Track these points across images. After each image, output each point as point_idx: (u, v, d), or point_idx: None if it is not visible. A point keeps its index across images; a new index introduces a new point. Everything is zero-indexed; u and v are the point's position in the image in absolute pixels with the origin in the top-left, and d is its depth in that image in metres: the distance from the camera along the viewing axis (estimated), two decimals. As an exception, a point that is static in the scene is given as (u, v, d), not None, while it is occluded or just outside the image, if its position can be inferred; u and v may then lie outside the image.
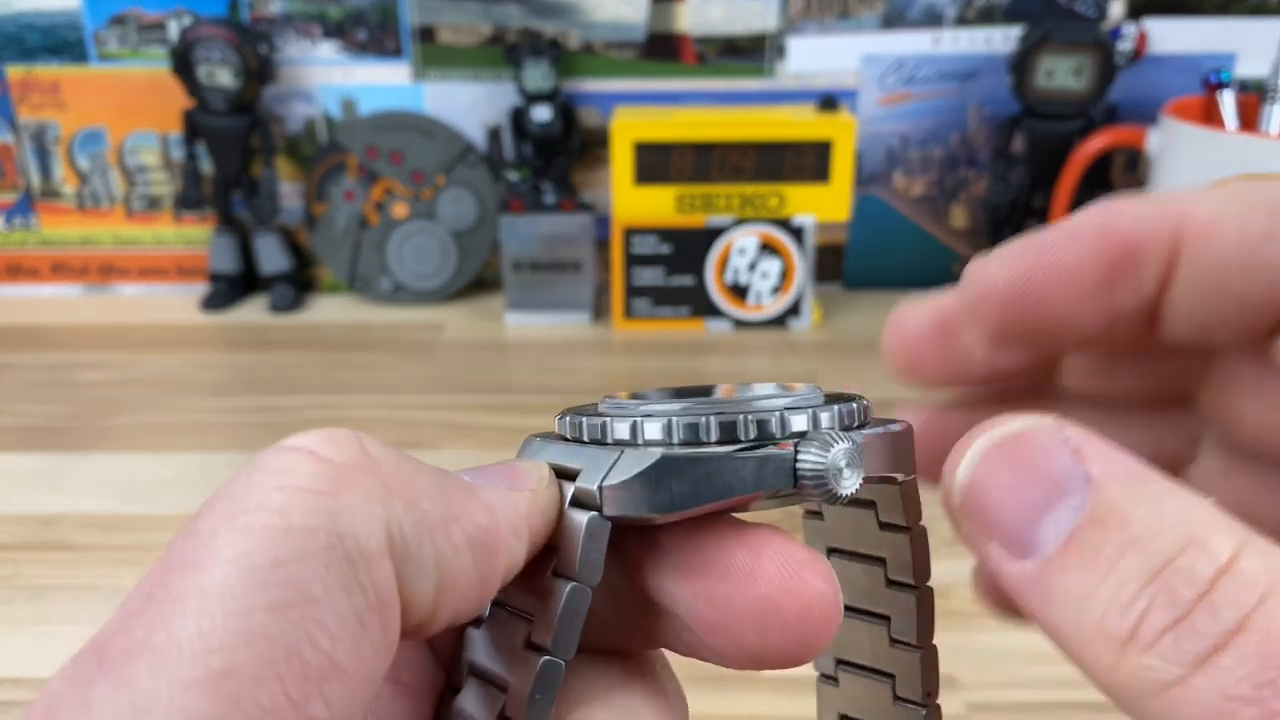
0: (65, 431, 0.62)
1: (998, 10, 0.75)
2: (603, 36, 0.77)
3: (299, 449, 0.14)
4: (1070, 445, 0.15)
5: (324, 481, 0.13)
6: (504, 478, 0.16)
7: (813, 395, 0.18)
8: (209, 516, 0.13)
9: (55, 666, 0.38)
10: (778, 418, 0.16)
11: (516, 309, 0.77)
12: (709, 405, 0.16)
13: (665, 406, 0.17)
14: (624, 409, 0.17)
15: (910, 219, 0.81)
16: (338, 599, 0.13)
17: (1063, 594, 0.14)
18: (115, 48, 0.77)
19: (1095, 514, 0.14)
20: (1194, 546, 0.13)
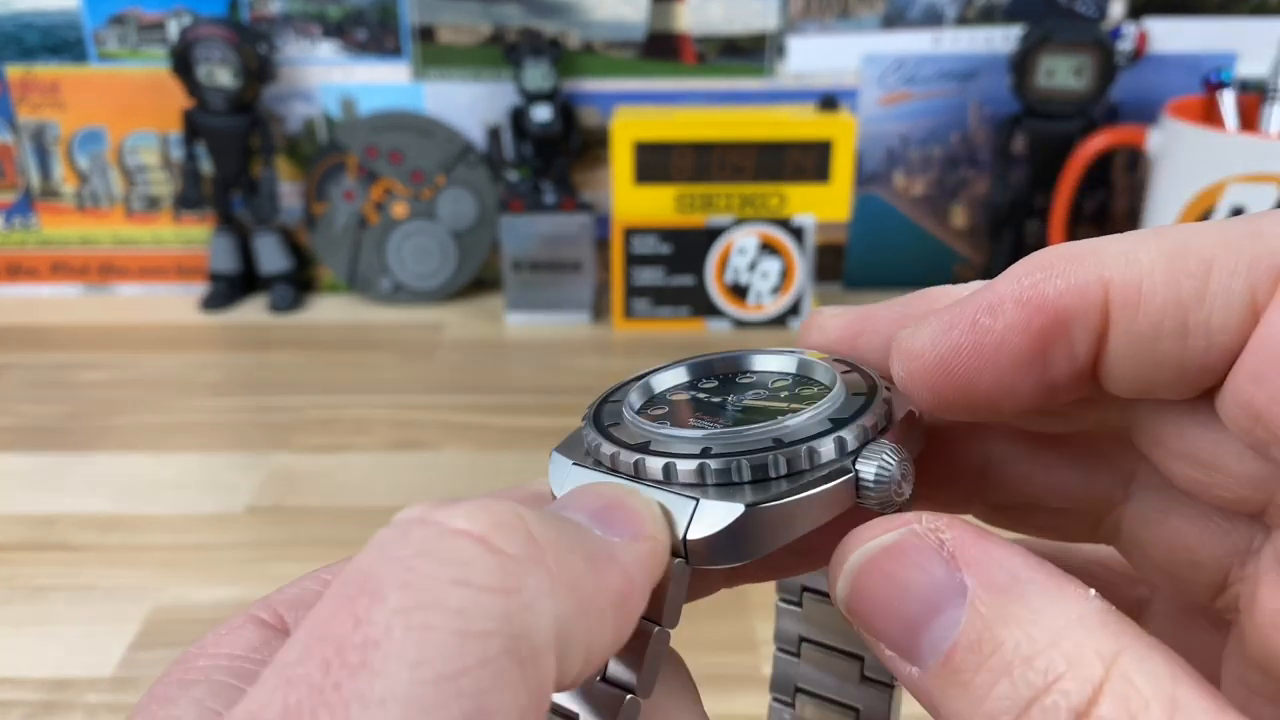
0: (65, 431, 0.62)
1: (998, 10, 0.75)
2: (603, 36, 0.77)
3: (469, 534, 0.13)
4: (945, 553, 0.15)
5: (501, 578, 0.13)
6: (626, 525, 0.15)
7: (827, 400, 0.18)
8: (379, 606, 0.12)
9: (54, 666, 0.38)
10: (805, 451, 0.16)
11: (516, 309, 0.77)
12: (731, 437, 0.17)
13: (689, 435, 0.17)
14: (649, 435, 0.17)
15: (910, 219, 0.81)
16: (508, 701, 0.12)
17: (945, 711, 0.14)
18: (115, 47, 0.77)
19: (968, 635, 0.14)
20: (1060, 683, 0.13)
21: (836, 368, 0.19)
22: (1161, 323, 0.15)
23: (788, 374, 0.20)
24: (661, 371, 0.20)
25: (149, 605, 0.47)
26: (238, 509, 0.54)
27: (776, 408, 0.18)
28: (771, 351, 0.20)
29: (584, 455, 0.18)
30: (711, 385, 0.20)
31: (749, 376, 0.20)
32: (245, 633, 0.17)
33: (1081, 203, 0.78)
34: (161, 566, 0.50)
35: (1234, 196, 0.62)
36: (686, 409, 0.19)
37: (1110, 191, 0.80)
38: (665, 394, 0.20)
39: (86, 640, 0.45)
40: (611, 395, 0.19)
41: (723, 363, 0.20)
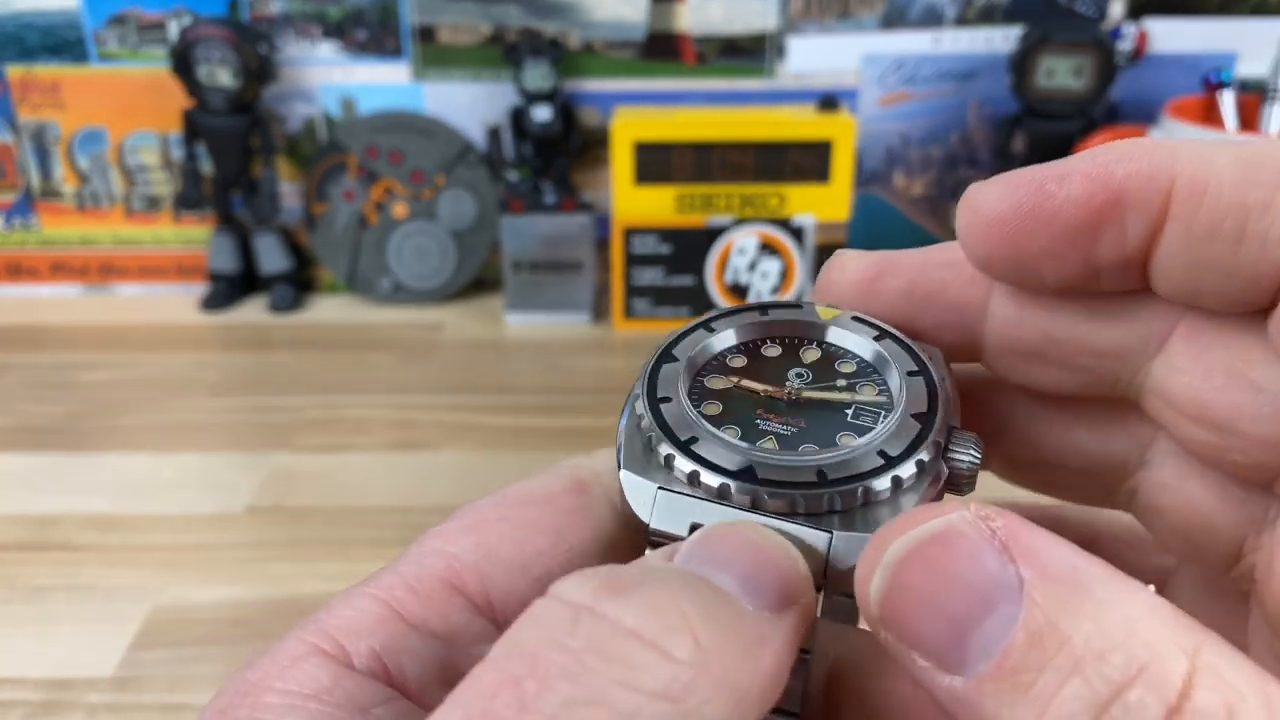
0: (65, 431, 0.62)
1: (998, 10, 0.75)
2: (603, 36, 0.77)
3: (639, 637, 0.13)
4: (998, 542, 0.13)
5: (667, 685, 0.13)
6: (777, 590, 0.15)
7: (901, 395, 0.18)
8: (548, 695, 0.12)
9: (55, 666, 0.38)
10: (861, 490, 0.17)
11: (516, 309, 0.77)
12: (835, 458, 0.17)
13: (793, 461, 0.17)
14: (743, 455, 0.17)
15: (910, 218, 0.81)
16: None
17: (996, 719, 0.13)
18: (115, 47, 0.77)
19: (1030, 630, 0.13)
20: (1144, 676, 0.12)
21: (878, 340, 0.19)
22: (1221, 224, 0.15)
23: (845, 350, 0.20)
24: (706, 333, 0.20)
25: (149, 605, 0.47)
26: (238, 509, 0.54)
27: (842, 400, 0.19)
28: (823, 321, 0.20)
29: (662, 472, 0.17)
30: (770, 356, 0.20)
31: (803, 344, 0.20)
32: (311, 668, 0.16)
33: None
34: (162, 566, 0.50)
35: (1234, 196, 0.62)
36: (749, 402, 0.19)
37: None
38: (719, 368, 0.19)
39: (87, 640, 0.45)
40: (656, 375, 0.19)
41: (779, 325, 0.20)
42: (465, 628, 0.17)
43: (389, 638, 0.17)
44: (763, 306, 0.20)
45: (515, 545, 0.18)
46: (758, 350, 0.20)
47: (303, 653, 0.16)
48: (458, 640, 0.17)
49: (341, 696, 0.16)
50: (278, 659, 0.16)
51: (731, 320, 0.20)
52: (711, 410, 0.18)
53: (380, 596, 0.17)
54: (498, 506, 0.18)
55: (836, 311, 0.20)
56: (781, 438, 0.18)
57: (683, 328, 0.20)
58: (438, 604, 0.17)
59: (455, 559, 0.18)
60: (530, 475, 0.19)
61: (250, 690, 0.16)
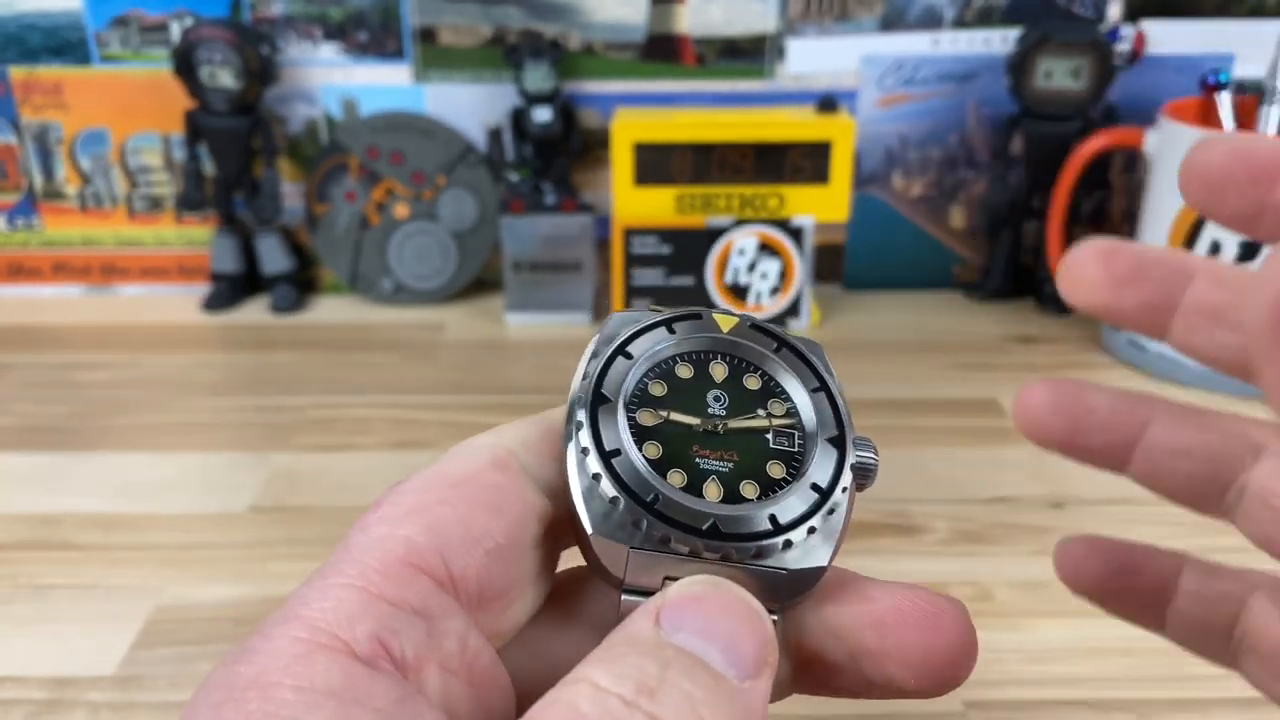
0: (67, 431, 0.63)
1: (996, 11, 0.76)
2: (603, 37, 0.77)
3: None
4: None
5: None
6: (755, 656, 0.17)
7: (807, 414, 0.21)
8: None
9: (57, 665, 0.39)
10: (806, 529, 0.19)
11: (517, 309, 0.77)
12: (780, 497, 0.20)
13: (748, 514, 0.19)
14: (705, 512, 0.19)
15: (909, 219, 0.82)
16: None
17: None
18: (117, 49, 0.77)
19: None
20: None
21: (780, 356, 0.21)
22: None
23: (748, 363, 0.22)
24: (625, 360, 0.21)
25: (151, 604, 0.47)
26: (240, 508, 0.55)
27: (761, 426, 0.21)
28: (726, 335, 0.22)
29: (628, 532, 0.19)
30: (685, 378, 0.21)
31: (711, 359, 0.21)
32: (322, 664, 0.16)
33: (1079, 203, 0.78)
34: (164, 566, 0.50)
35: (1231, 198, 0.62)
36: (684, 439, 0.20)
37: (1108, 192, 0.80)
38: (643, 399, 0.20)
39: (89, 639, 0.45)
40: (596, 417, 0.20)
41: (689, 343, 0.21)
42: (437, 604, 0.18)
43: (380, 619, 0.17)
44: (668, 323, 0.21)
45: (462, 524, 0.19)
46: (672, 371, 0.21)
47: (303, 650, 0.16)
48: (434, 616, 0.18)
49: (361, 693, 0.16)
50: (275, 656, 0.16)
51: (645, 344, 0.21)
52: (652, 453, 0.20)
53: (354, 584, 0.17)
54: (429, 490, 0.19)
55: (734, 321, 0.21)
56: (721, 476, 0.20)
57: (598, 350, 0.21)
58: (409, 584, 0.18)
59: (411, 541, 0.18)
60: (443, 458, 0.20)
61: (252, 685, 0.16)
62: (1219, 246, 0.64)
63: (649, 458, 0.19)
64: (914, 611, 0.20)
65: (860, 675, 0.20)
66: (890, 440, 0.60)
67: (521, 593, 0.20)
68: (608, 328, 0.21)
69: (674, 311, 0.22)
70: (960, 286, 0.83)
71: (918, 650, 0.20)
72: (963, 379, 0.68)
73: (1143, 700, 0.41)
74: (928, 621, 0.20)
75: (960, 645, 0.20)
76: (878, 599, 0.20)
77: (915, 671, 0.20)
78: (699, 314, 0.21)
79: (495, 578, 0.19)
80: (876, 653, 0.20)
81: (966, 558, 0.50)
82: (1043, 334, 0.75)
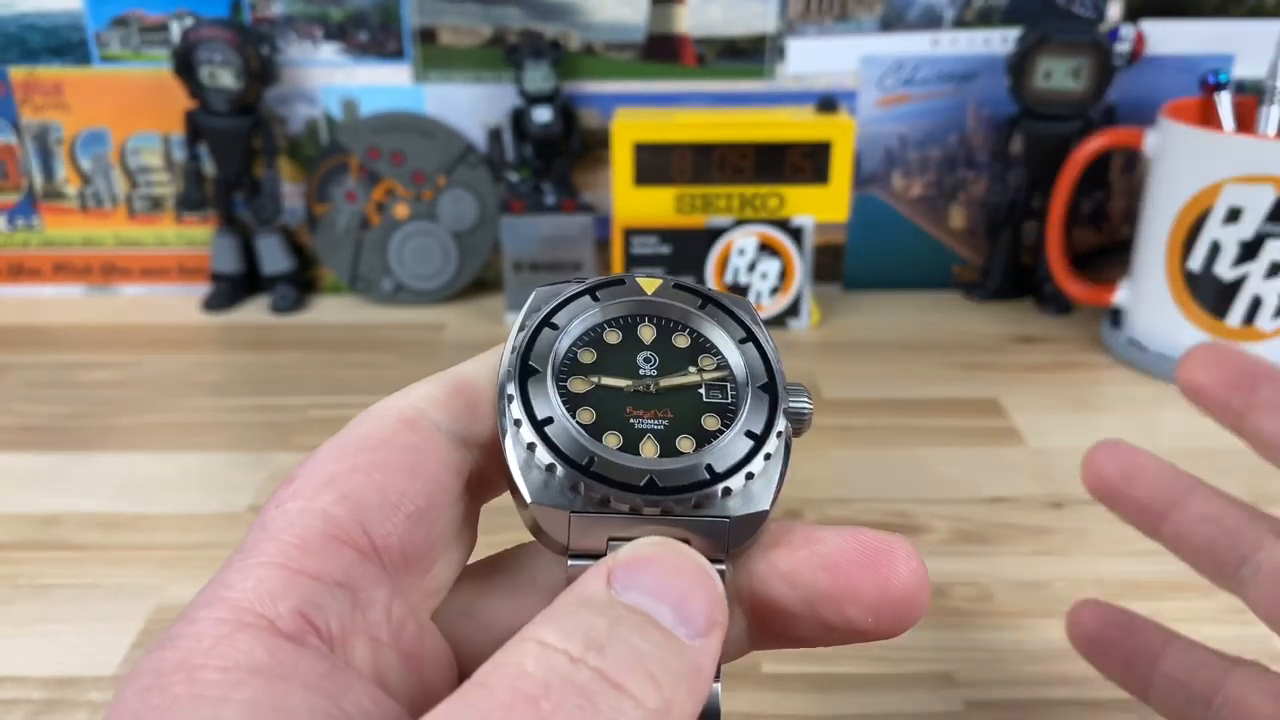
0: (67, 431, 0.63)
1: (996, 11, 0.76)
2: (603, 38, 0.77)
3: (621, 688, 0.16)
4: None
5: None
6: (705, 613, 0.17)
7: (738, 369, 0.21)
8: (560, 715, 0.15)
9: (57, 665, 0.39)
10: (744, 475, 0.20)
11: (517, 309, 0.77)
12: (679, 470, 0.19)
13: (685, 463, 0.20)
14: (643, 468, 0.19)
15: (909, 219, 0.82)
16: None
17: None
18: (117, 49, 0.77)
19: None
20: None
21: (699, 308, 0.22)
22: None
23: (675, 323, 0.22)
24: (552, 331, 0.21)
25: (152, 604, 0.47)
26: (240, 508, 0.55)
27: (693, 382, 0.21)
28: (650, 296, 0.22)
29: (567, 496, 0.19)
30: (613, 343, 0.21)
31: (639, 322, 0.22)
32: (245, 642, 0.16)
33: (1079, 204, 0.79)
34: (164, 565, 0.50)
35: (1231, 198, 0.62)
36: (616, 400, 0.20)
37: (1108, 192, 0.80)
38: (573, 368, 0.21)
39: (89, 639, 0.45)
40: (526, 389, 0.20)
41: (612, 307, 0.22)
42: (361, 574, 0.18)
43: (303, 595, 0.17)
44: (591, 291, 0.21)
45: (378, 490, 0.19)
46: (600, 338, 0.21)
47: (227, 631, 0.16)
48: (358, 587, 0.18)
49: (287, 669, 0.16)
50: (199, 639, 0.16)
51: (570, 313, 0.21)
52: (586, 418, 0.20)
53: (275, 561, 0.17)
54: (341, 459, 0.19)
55: (658, 282, 0.22)
56: (657, 434, 0.20)
57: (524, 323, 0.21)
58: (330, 556, 0.18)
59: (329, 514, 0.18)
60: (351, 424, 0.20)
61: (177, 669, 0.16)
62: (1219, 247, 0.64)
63: (583, 423, 0.20)
64: (863, 550, 0.20)
65: (818, 620, 0.20)
66: (890, 440, 0.60)
67: (445, 551, 0.20)
68: (532, 302, 0.21)
69: (596, 280, 0.22)
70: (960, 286, 0.83)
71: (872, 588, 0.20)
72: (963, 379, 0.68)
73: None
74: (878, 558, 0.20)
75: (913, 579, 0.20)
76: (826, 540, 0.20)
77: (872, 610, 0.20)
78: (622, 279, 0.22)
79: (418, 541, 0.19)
80: (832, 595, 0.20)
81: (966, 558, 0.50)
82: (1043, 334, 0.75)
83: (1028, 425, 0.62)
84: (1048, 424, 0.62)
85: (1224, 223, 0.63)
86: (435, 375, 0.21)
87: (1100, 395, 0.67)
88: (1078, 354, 0.72)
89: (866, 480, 0.56)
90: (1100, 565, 0.49)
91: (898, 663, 0.43)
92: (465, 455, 0.20)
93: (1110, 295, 0.72)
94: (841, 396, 0.65)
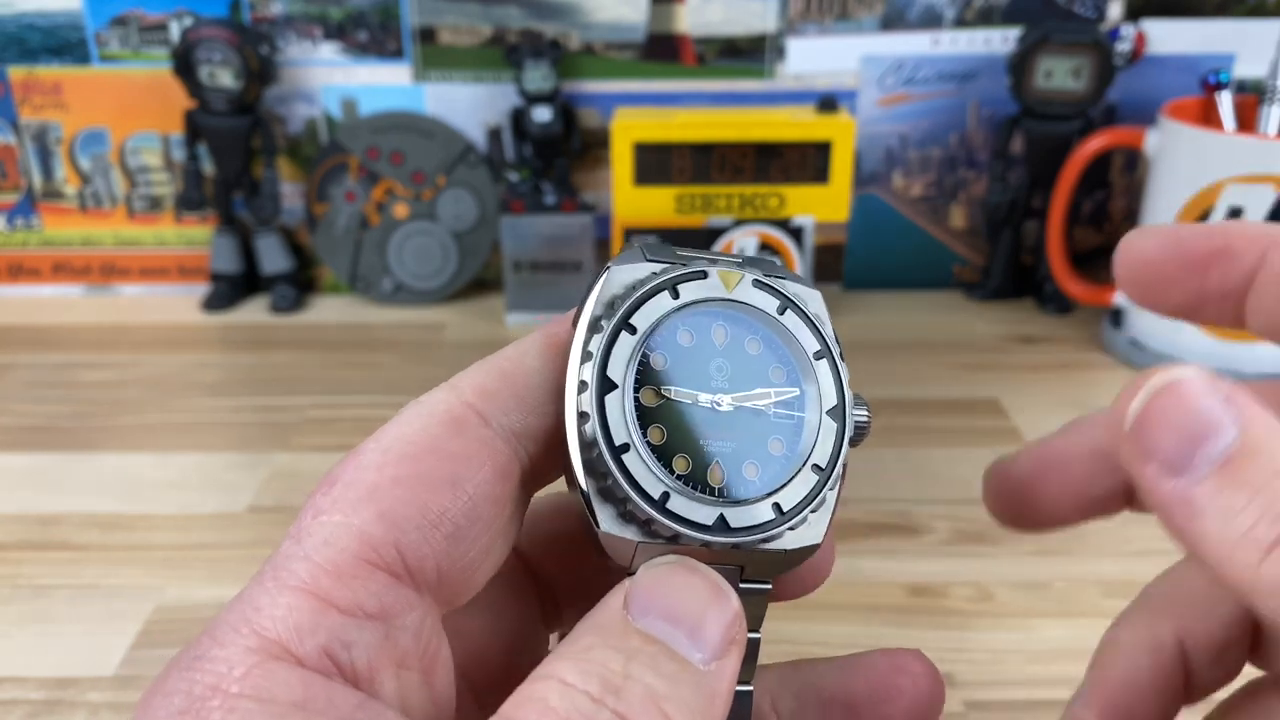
0: (66, 431, 0.63)
1: (996, 11, 0.76)
2: (603, 37, 0.77)
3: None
4: (1223, 394, 0.18)
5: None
6: (721, 636, 0.18)
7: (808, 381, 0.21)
8: None
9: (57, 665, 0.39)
10: (807, 512, 0.20)
11: (517, 309, 0.77)
12: (747, 509, 0.20)
13: (756, 488, 0.20)
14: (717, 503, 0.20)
15: (909, 219, 0.81)
16: None
17: (1213, 509, 0.17)
18: (117, 49, 0.77)
19: (1246, 447, 0.17)
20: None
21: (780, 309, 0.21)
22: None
23: (752, 325, 0.21)
24: (629, 334, 0.20)
25: (151, 604, 0.47)
26: (239, 508, 0.55)
27: (763, 403, 0.21)
28: (730, 295, 0.21)
29: (636, 526, 0.19)
30: (685, 346, 0.21)
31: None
32: (281, 674, 0.16)
33: (1079, 203, 0.78)
34: (163, 566, 0.50)
35: (1231, 197, 0.62)
36: (688, 419, 0.20)
37: (1108, 192, 0.80)
38: (645, 376, 0.20)
39: (88, 639, 0.45)
40: (604, 405, 0.19)
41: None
42: (395, 602, 0.18)
43: (332, 632, 0.17)
44: (672, 286, 0.20)
45: (419, 508, 0.18)
46: (674, 339, 0.20)
47: (257, 660, 0.16)
48: (391, 616, 0.17)
49: (322, 704, 0.16)
50: (230, 665, 0.16)
51: (649, 313, 0.20)
52: (656, 437, 0.19)
53: (306, 589, 0.17)
54: (383, 467, 0.18)
55: (738, 276, 0.21)
56: (724, 457, 0.20)
57: (602, 319, 0.20)
58: (364, 584, 0.17)
59: (365, 533, 0.18)
60: (398, 419, 0.20)
61: (212, 694, 0.16)
62: (1219, 246, 0.64)
63: (653, 443, 0.19)
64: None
65: None
66: (890, 440, 0.60)
67: (484, 559, 0.19)
68: (609, 286, 0.20)
69: (678, 270, 0.21)
70: (960, 286, 0.82)
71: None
72: (963, 379, 0.68)
73: (1143, 700, 0.41)
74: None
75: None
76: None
77: None
78: (704, 273, 0.21)
79: (456, 559, 0.18)
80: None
81: (967, 558, 0.50)
82: (1043, 334, 0.75)
83: (1028, 425, 0.62)
84: (1048, 424, 0.62)
85: (1224, 222, 0.63)
86: (485, 361, 0.21)
87: (1101, 395, 0.66)
88: (1078, 354, 0.72)
89: (866, 480, 0.56)
90: (1100, 565, 0.49)
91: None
92: (516, 451, 0.20)
93: (1111, 295, 0.72)
94: (842, 396, 0.65)
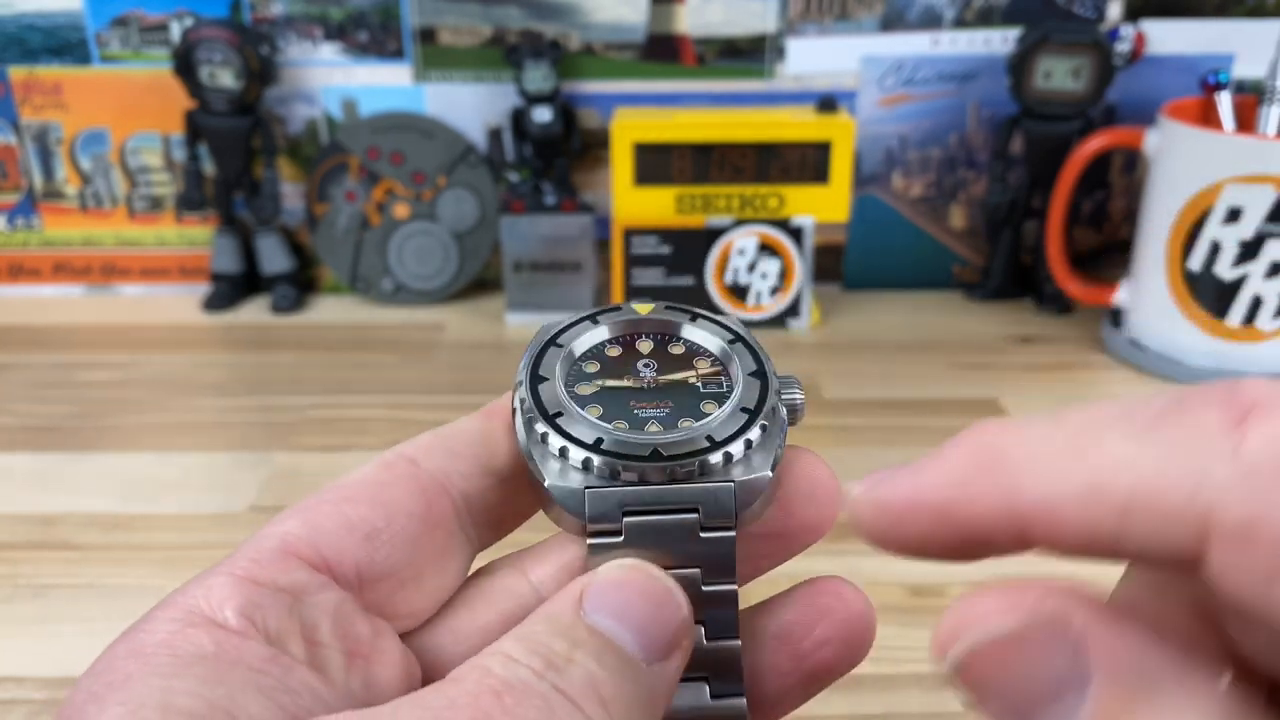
0: (67, 431, 0.63)
1: (996, 11, 0.76)
2: (603, 38, 0.77)
3: (583, 712, 0.17)
4: (1072, 641, 0.15)
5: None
6: (667, 641, 0.19)
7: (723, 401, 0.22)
8: (520, 711, 0.17)
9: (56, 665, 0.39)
10: (744, 441, 0.21)
11: (517, 309, 0.77)
12: (681, 441, 0.21)
13: (692, 430, 0.21)
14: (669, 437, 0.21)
15: (909, 219, 0.82)
16: None
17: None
18: (117, 49, 0.77)
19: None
20: None
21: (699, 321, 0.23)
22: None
23: (673, 336, 0.24)
24: (556, 349, 0.23)
25: (151, 604, 0.47)
26: (240, 508, 0.55)
27: (689, 377, 0.22)
28: (645, 315, 0.24)
29: (580, 474, 0.20)
30: (614, 356, 0.23)
31: (636, 339, 0.23)
32: (195, 635, 0.18)
33: (1079, 204, 0.78)
34: (164, 565, 0.50)
35: (1231, 197, 0.62)
36: (621, 397, 0.22)
37: (1108, 192, 0.80)
38: (580, 376, 0.22)
39: (89, 639, 0.45)
40: (538, 395, 0.21)
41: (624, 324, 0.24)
42: (306, 582, 0.20)
43: (245, 598, 0.19)
44: (591, 316, 0.24)
45: (339, 516, 0.20)
46: (602, 353, 0.23)
47: (176, 627, 0.18)
48: (302, 592, 0.19)
49: (232, 655, 0.18)
50: (151, 633, 0.18)
51: (572, 334, 0.23)
52: (594, 413, 0.21)
53: (230, 572, 0.19)
54: (318, 498, 0.21)
55: (650, 306, 0.24)
56: (660, 420, 0.21)
57: (530, 347, 0.23)
58: (280, 567, 0.20)
59: (287, 533, 0.20)
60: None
61: (130, 655, 0.18)
62: (1219, 247, 0.64)
63: (591, 416, 0.21)
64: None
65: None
66: (890, 440, 0.60)
67: (417, 574, 0.21)
68: (537, 335, 0.23)
69: (595, 309, 0.24)
70: (960, 286, 0.83)
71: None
72: (963, 379, 0.68)
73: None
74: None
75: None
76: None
77: None
78: (619, 307, 0.24)
79: (378, 560, 0.20)
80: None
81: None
82: (1043, 334, 0.75)
83: (1028, 425, 0.62)
84: (1048, 424, 0.62)
85: (1224, 223, 0.63)
86: (432, 430, 0.23)
87: (1100, 395, 0.67)
88: (1078, 354, 0.72)
89: (866, 480, 0.56)
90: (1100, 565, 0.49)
91: (898, 663, 0.43)
92: (446, 487, 0.22)
93: (1110, 295, 0.72)
94: (841, 396, 0.65)
